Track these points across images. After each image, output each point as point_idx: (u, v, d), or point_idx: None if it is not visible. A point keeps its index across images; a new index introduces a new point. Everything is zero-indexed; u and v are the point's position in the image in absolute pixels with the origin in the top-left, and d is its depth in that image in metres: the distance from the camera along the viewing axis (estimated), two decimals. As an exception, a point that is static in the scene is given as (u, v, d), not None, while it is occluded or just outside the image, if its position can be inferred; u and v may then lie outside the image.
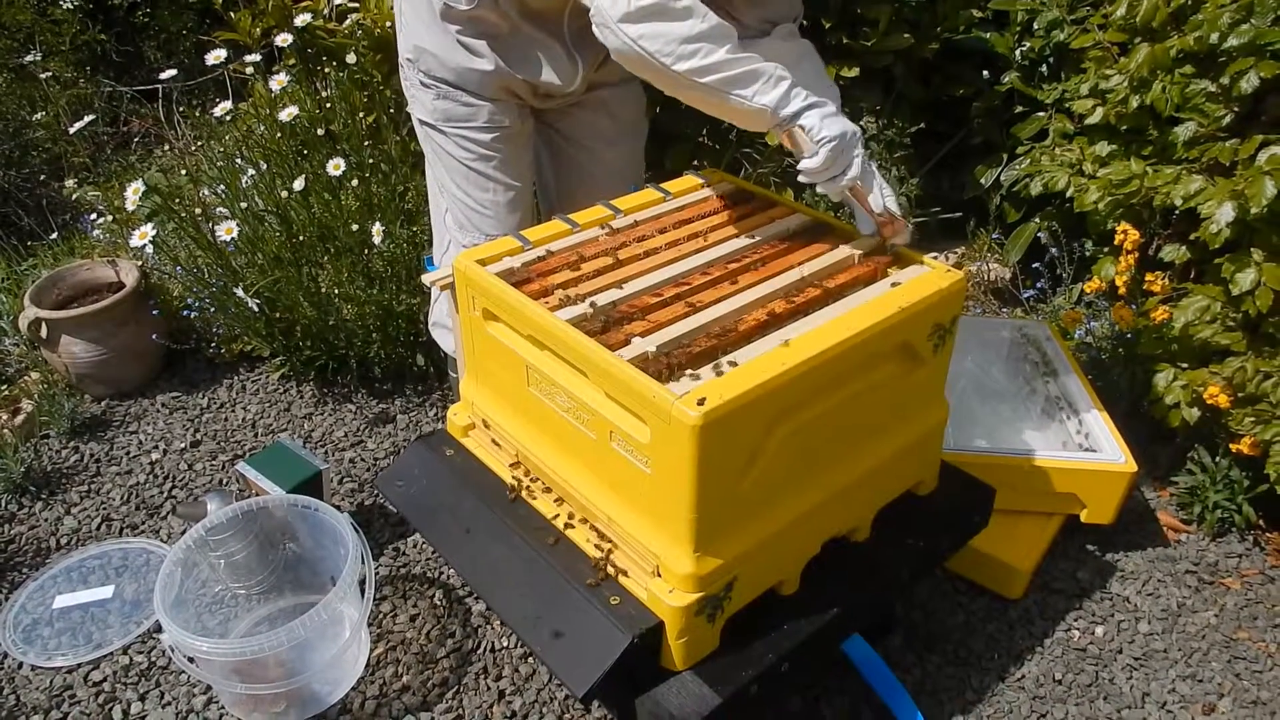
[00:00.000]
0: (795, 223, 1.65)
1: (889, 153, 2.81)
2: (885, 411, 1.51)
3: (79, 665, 1.89)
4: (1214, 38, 2.01)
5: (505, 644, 1.89)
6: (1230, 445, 2.04)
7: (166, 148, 3.97)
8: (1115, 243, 2.22)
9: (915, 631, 1.90)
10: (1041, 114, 2.64)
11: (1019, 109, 2.74)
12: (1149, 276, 2.17)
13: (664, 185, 1.77)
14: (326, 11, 2.51)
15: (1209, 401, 2.01)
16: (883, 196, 1.52)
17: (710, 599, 1.34)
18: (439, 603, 1.98)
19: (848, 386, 1.39)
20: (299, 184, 2.33)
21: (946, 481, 1.72)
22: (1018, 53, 2.73)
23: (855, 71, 2.58)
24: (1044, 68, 2.71)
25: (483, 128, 1.87)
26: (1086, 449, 2.02)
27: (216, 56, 2.38)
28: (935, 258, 2.58)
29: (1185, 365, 2.12)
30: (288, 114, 2.34)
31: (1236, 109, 2.05)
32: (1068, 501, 1.99)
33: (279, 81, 2.34)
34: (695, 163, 2.86)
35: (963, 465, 1.80)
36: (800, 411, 1.34)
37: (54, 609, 2.00)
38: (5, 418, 2.45)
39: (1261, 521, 2.13)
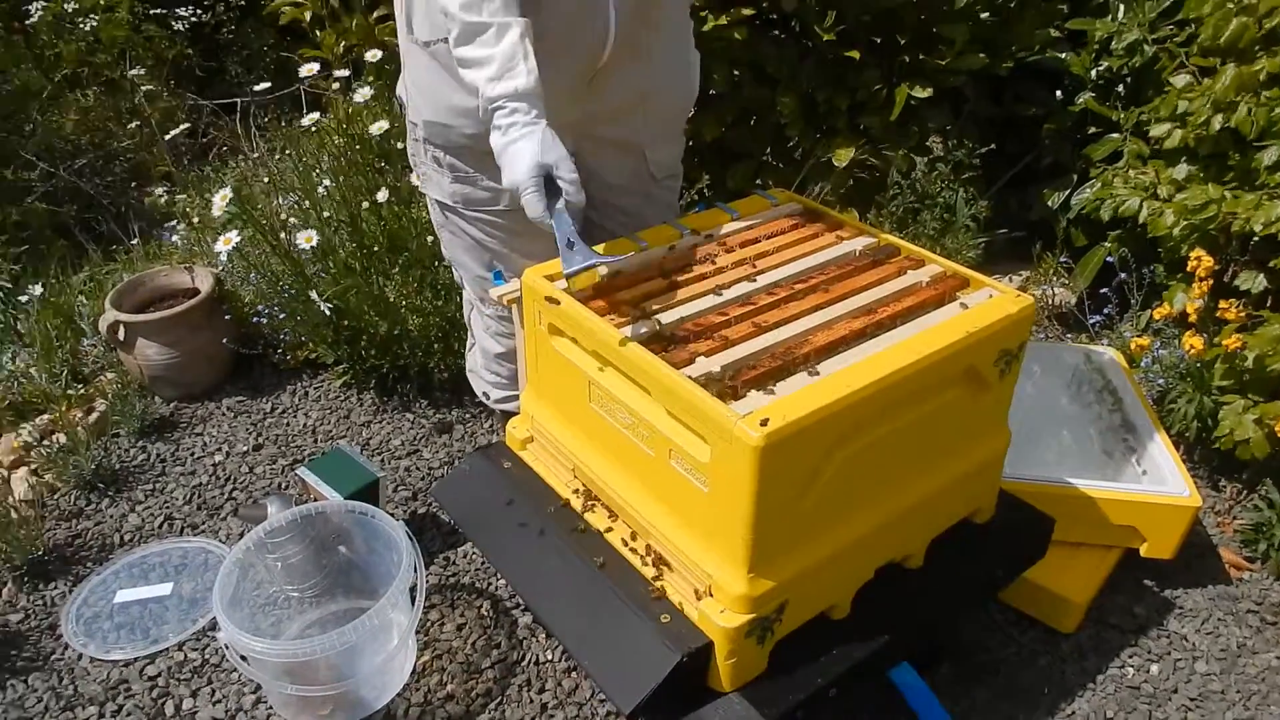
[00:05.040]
0: (863, 244, 1.63)
1: (956, 174, 2.77)
2: (947, 437, 1.48)
3: (135, 659, 1.93)
4: (1302, 61, 1.95)
5: (550, 657, 1.89)
6: (1303, 483, 1.96)
7: (242, 159, 4.09)
8: (1188, 269, 2.16)
9: (965, 662, 1.86)
10: (1115, 135, 2.58)
11: (1092, 130, 2.68)
12: (1223, 304, 2.10)
13: (732, 204, 1.76)
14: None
15: (1281, 436, 1.94)
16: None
17: (761, 621, 1.32)
18: (486, 613, 1.99)
19: (911, 411, 1.37)
20: (382, 195, 2.37)
21: (1005, 510, 1.68)
22: (1093, 73, 2.67)
23: (929, 92, 2.55)
24: (1120, 88, 2.65)
25: (505, 211, 1.80)
26: (1149, 481, 1.95)
27: (310, 69, 2.45)
28: (1000, 279, 2.54)
29: (1258, 397, 2.05)
30: (378, 128, 2.38)
31: (1324, 135, 1.98)
32: (1127, 534, 1.93)
33: (362, 94, 2.39)
34: (757, 181, 2.85)
35: (1021, 494, 1.75)
36: (862, 435, 1.32)
37: (115, 603, 2.05)
38: (80, 415, 2.53)
39: (1333, 562, 2.05)
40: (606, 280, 1.53)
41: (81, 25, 4.34)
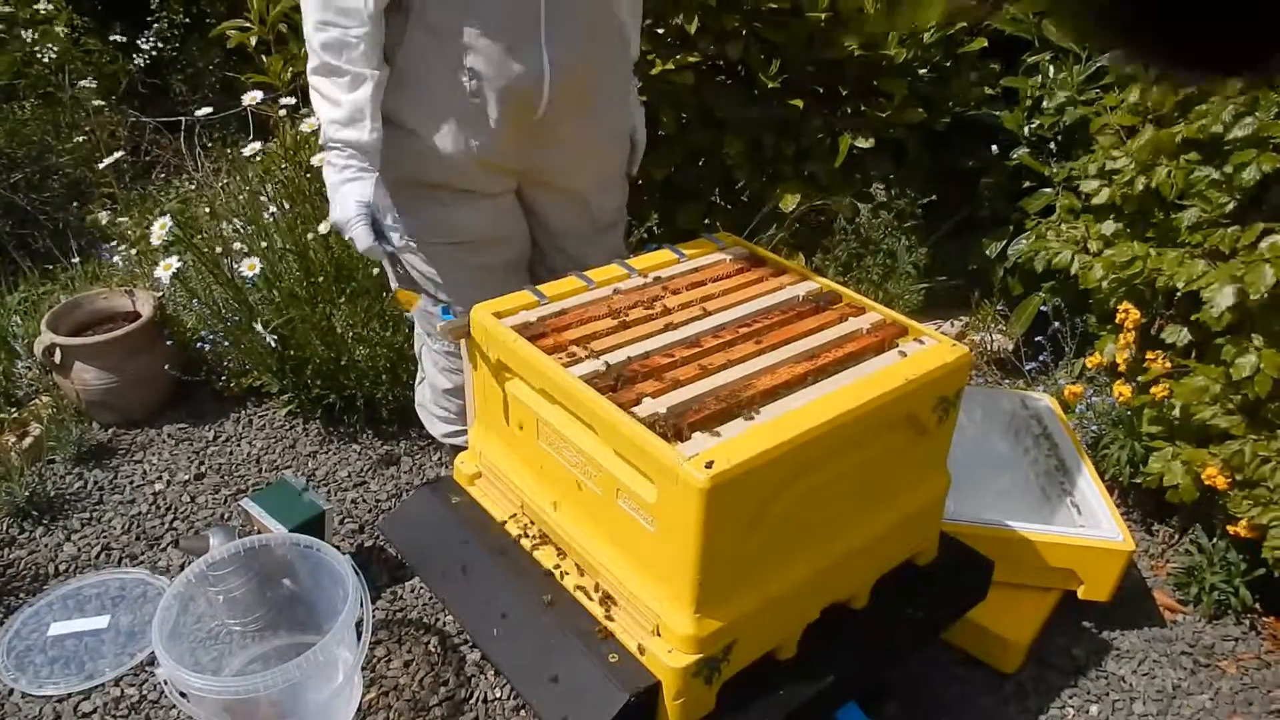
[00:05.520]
0: (805, 290, 1.68)
1: (899, 222, 2.86)
2: (888, 480, 1.53)
3: (69, 695, 1.88)
4: (1218, 128, 2.07)
5: (498, 695, 1.89)
6: (1228, 527, 2.05)
7: (186, 179, 4.04)
8: (1117, 321, 2.26)
9: (910, 701, 1.90)
10: (1049, 190, 2.69)
11: (1027, 184, 2.79)
12: (1150, 355, 2.20)
13: (679, 246, 1.80)
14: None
15: (1207, 482, 2.03)
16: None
17: (709, 661, 1.35)
18: (434, 649, 1.98)
19: (853, 455, 1.42)
20: (324, 227, 2.37)
21: (946, 552, 1.73)
22: (1027, 129, 2.79)
23: (871, 142, 2.64)
24: (1053, 144, 2.77)
25: (445, 244, 1.84)
26: (1084, 525, 2.03)
27: (253, 98, 2.44)
28: (939, 326, 2.61)
29: (1184, 444, 2.14)
30: (319, 159, 2.38)
31: (1239, 197, 2.10)
32: (1065, 577, 2.00)
33: (310, 124, 2.39)
34: (706, 221, 2.91)
35: (962, 536, 1.81)
36: (805, 478, 1.36)
37: (48, 636, 2.00)
38: (13, 441, 2.47)
39: (1258, 605, 2.14)
40: (554, 318, 1.56)
41: (21, 36, 4.26)
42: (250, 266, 2.29)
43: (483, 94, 1.66)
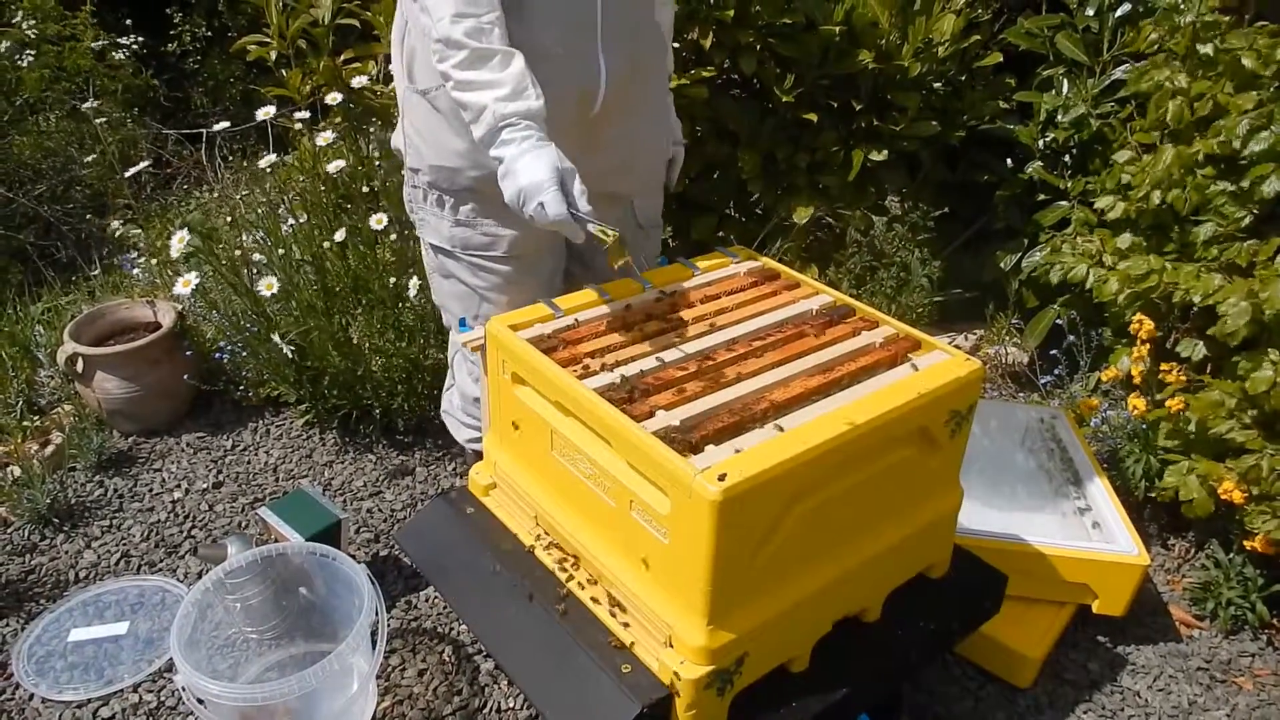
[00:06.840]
0: (819, 303, 1.69)
1: (912, 234, 2.86)
2: (900, 494, 1.53)
3: (88, 700, 1.90)
4: (1236, 143, 2.07)
5: (512, 704, 1.90)
6: (1245, 542, 2.04)
7: (206, 189, 4.09)
8: (1131, 331, 2.25)
9: (922, 715, 1.90)
10: (1064, 203, 2.69)
11: (1041, 197, 2.79)
12: (1164, 368, 2.20)
13: (694, 260, 1.82)
14: (376, 74, 2.61)
15: (1223, 496, 2.02)
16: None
17: (721, 673, 1.36)
18: (448, 659, 2.00)
19: (865, 468, 1.42)
20: (340, 235, 2.39)
21: (959, 566, 1.73)
22: (1041, 143, 2.79)
23: (884, 155, 2.65)
24: (1067, 158, 2.77)
25: (500, 257, 1.86)
26: (1099, 539, 2.02)
27: (267, 112, 2.47)
28: (953, 339, 2.61)
29: (1200, 458, 2.13)
30: (334, 167, 2.42)
31: (1256, 211, 2.09)
32: (1079, 591, 2.00)
33: (324, 138, 2.42)
34: (720, 233, 2.92)
35: (975, 550, 1.81)
36: (818, 491, 1.36)
37: (68, 642, 2.03)
38: (35, 448, 2.50)
39: (1275, 620, 2.12)
40: (569, 331, 1.58)
41: (46, 51, 4.34)
42: (268, 286, 2.33)
43: (543, 97, 1.69)
